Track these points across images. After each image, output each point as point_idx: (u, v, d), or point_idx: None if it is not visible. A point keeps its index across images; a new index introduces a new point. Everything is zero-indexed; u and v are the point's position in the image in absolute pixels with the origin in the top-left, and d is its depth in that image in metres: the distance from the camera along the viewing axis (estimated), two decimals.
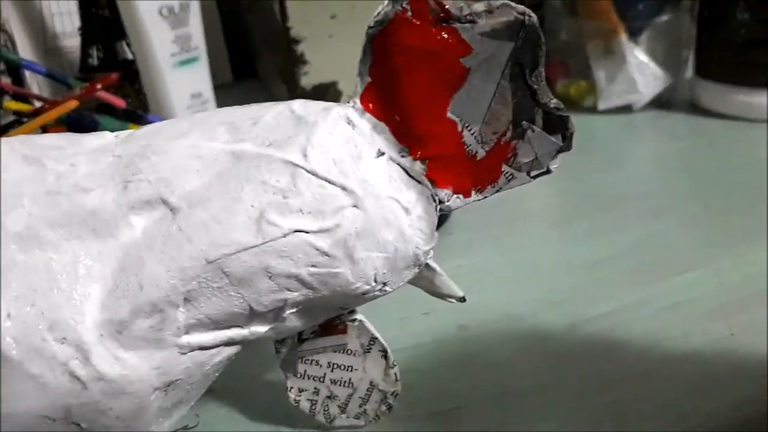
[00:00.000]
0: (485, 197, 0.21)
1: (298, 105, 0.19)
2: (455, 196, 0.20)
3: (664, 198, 0.39)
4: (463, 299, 0.23)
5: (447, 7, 0.18)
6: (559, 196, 0.41)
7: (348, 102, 0.19)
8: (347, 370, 0.22)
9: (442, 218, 0.36)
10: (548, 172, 0.20)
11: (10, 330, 0.16)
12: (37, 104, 0.39)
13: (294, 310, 0.19)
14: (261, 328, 0.19)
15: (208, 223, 0.17)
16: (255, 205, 0.17)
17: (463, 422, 0.23)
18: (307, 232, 0.17)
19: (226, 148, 0.18)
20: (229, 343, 0.19)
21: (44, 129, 0.39)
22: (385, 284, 0.19)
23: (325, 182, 0.17)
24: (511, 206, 0.38)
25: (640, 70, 0.50)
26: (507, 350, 0.27)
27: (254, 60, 0.65)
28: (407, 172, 0.19)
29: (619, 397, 0.24)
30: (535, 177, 0.20)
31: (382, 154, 0.19)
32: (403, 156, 0.19)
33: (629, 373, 0.25)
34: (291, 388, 0.22)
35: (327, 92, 0.49)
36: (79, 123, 0.40)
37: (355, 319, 0.22)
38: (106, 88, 0.41)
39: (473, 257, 0.33)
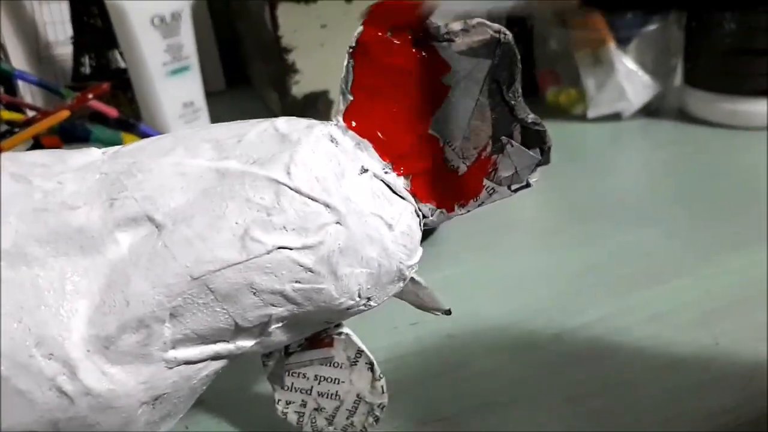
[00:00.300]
0: (468, 211, 0.21)
1: (282, 123, 0.19)
2: (438, 210, 0.21)
3: (652, 206, 0.39)
4: (448, 312, 0.23)
5: (425, 26, 0.18)
6: (547, 205, 0.41)
7: (331, 120, 0.19)
8: (334, 382, 0.22)
9: (426, 232, 0.36)
10: (528, 185, 0.21)
11: None
12: (30, 113, 0.40)
13: (279, 324, 0.19)
14: (247, 343, 0.19)
15: (193, 240, 0.17)
16: (239, 222, 0.17)
17: None
18: (290, 249, 0.18)
19: (211, 165, 0.18)
20: (215, 357, 0.19)
21: (36, 138, 0.39)
22: (369, 299, 0.19)
23: (308, 199, 0.18)
24: (497, 216, 0.38)
25: (629, 78, 0.51)
26: (494, 359, 0.27)
27: (246, 68, 0.66)
28: (391, 188, 0.19)
29: (605, 404, 0.24)
30: (515, 191, 0.21)
31: (366, 170, 0.19)
32: (386, 172, 0.19)
33: (615, 381, 0.25)
34: (279, 400, 0.23)
35: (318, 101, 0.49)
36: (71, 132, 0.41)
37: (341, 333, 0.22)
38: (98, 97, 0.42)
39: (460, 268, 0.34)
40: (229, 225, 0.17)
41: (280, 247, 0.17)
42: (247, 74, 0.66)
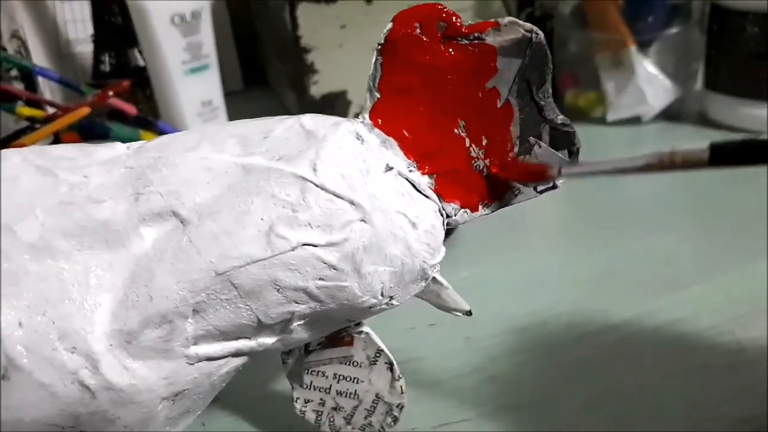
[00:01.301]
0: (492, 212, 0.21)
1: (308, 119, 0.19)
2: (462, 210, 0.20)
3: (671, 211, 0.39)
4: (469, 313, 0.23)
5: (455, 24, 0.18)
6: (566, 209, 0.41)
7: (357, 117, 0.19)
8: (353, 381, 0.22)
9: (449, 231, 0.36)
10: (555, 187, 0.20)
11: (21, 339, 0.16)
12: (50, 110, 0.40)
13: (301, 322, 0.19)
14: (268, 340, 0.19)
15: (218, 236, 0.17)
16: (264, 219, 0.17)
17: None
18: (315, 246, 0.17)
19: (237, 161, 0.18)
20: (236, 354, 0.19)
21: (56, 135, 0.39)
22: (391, 298, 0.19)
23: (333, 197, 0.18)
24: (517, 219, 0.38)
25: (650, 81, 0.50)
26: (513, 362, 0.27)
27: (264, 68, 0.66)
28: (415, 187, 0.19)
29: (625, 409, 0.24)
30: (542, 192, 0.20)
31: (391, 168, 0.19)
32: (411, 171, 0.19)
33: (636, 386, 0.25)
34: (297, 398, 0.23)
35: (336, 101, 0.49)
36: (90, 129, 0.41)
37: (361, 332, 0.22)
38: (118, 95, 0.42)
39: (479, 269, 0.33)
40: (255, 221, 0.17)
41: (305, 244, 0.17)
42: (264, 74, 0.66)
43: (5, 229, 0.17)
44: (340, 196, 0.18)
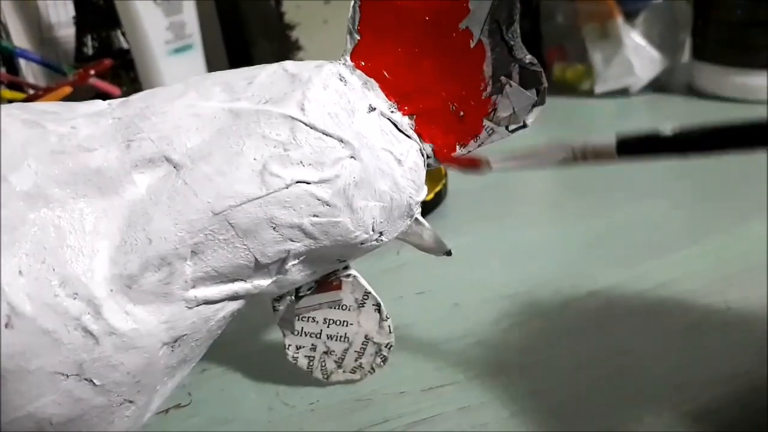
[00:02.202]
0: (468, 152, 0.22)
1: (291, 64, 0.20)
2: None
3: (659, 179, 0.39)
4: (449, 253, 0.24)
5: None
6: (553, 178, 0.41)
7: (339, 60, 0.20)
8: (343, 325, 0.23)
9: (437, 200, 0.37)
10: (525, 126, 0.21)
11: (23, 286, 0.16)
12: (32, 92, 0.39)
13: (296, 261, 0.19)
14: (264, 282, 0.20)
15: (213, 177, 0.18)
16: (257, 158, 0.18)
17: (456, 398, 0.23)
18: (308, 183, 0.18)
19: (224, 106, 0.19)
20: (233, 297, 0.20)
21: None
22: (381, 233, 0.20)
23: (323, 135, 0.18)
24: (504, 188, 0.39)
25: (637, 53, 0.50)
26: (501, 328, 0.27)
27: (249, 47, 0.65)
28: (397, 127, 0.20)
29: (614, 371, 0.24)
30: (512, 131, 0.22)
31: (374, 109, 0.20)
32: (392, 111, 0.20)
33: (624, 348, 0.25)
34: (289, 345, 0.23)
35: None
36: None
37: (349, 275, 0.22)
38: (100, 74, 0.41)
39: (467, 238, 0.33)
40: (248, 161, 0.18)
41: (298, 182, 0.18)
42: (249, 53, 0.65)
43: None
44: (330, 134, 0.18)
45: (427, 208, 0.36)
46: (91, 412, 0.18)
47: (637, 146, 0.17)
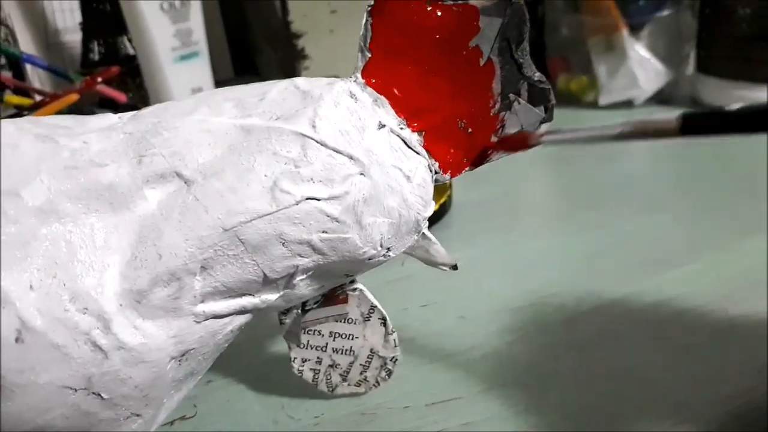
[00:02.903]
0: (475, 167, 0.22)
1: (302, 81, 0.20)
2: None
3: (662, 192, 0.39)
4: (455, 267, 0.24)
5: None
6: (558, 190, 0.41)
7: (350, 77, 0.20)
8: (348, 338, 0.23)
9: (442, 212, 0.37)
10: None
11: (34, 301, 0.16)
12: (38, 98, 0.39)
13: (303, 276, 0.20)
14: (271, 296, 0.20)
15: (224, 193, 0.18)
16: (268, 175, 0.18)
17: (460, 412, 0.23)
18: (318, 200, 0.18)
19: (236, 122, 0.19)
20: (241, 311, 0.20)
21: None
22: (389, 249, 0.20)
23: (333, 152, 0.18)
24: (509, 200, 0.39)
25: (641, 65, 0.50)
26: (505, 341, 0.27)
27: (255, 55, 0.65)
28: (406, 143, 0.20)
29: (616, 387, 0.24)
30: None
31: (384, 126, 0.20)
32: (401, 128, 0.20)
33: (626, 365, 0.25)
34: (294, 358, 0.23)
35: None
36: None
37: (355, 289, 0.23)
38: (107, 81, 0.41)
39: (472, 250, 0.34)
40: (259, 177, 0.18)
41: (308, 198, 0.18)
42: (255, 62, 0.65)
43: (11, 194, 0.17)
44: (340, 152, 0.18)
45: (432, 219, 0.36)
46: (99, 426, 0.18)
47: (701, 123, 0.16)
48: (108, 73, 0.40)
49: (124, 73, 0.49)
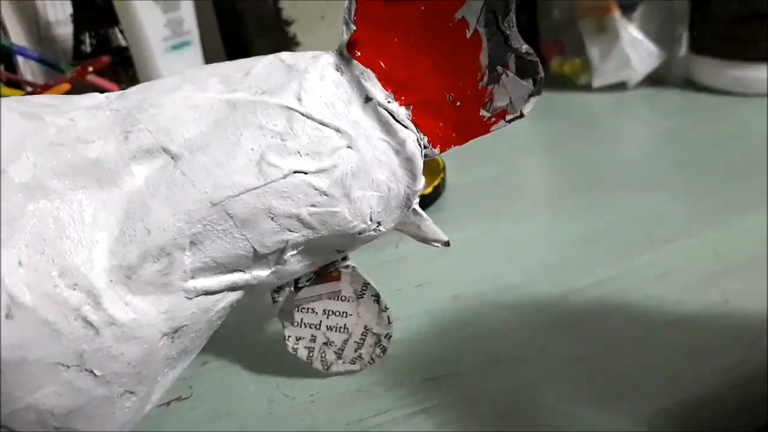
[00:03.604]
0: (465, 142, 0.22)
1: (287, 55, 0.20)
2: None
3: (658, 172, 0.39)
4: (447, 243, 0.24)
5: None
6: (552, 173, 0.41)
7: (335, 50, 0.20)
8: (342, 315, 0.23)
9: (436, 194, 0.37)
10: (522, 116, 0.21)
11: (23, 277, 0.16)
12: (30, 90, 0.39)
13: (294, 252, 0.20)
14: (263, 272, 0.20)
15: (210, 167, 0.18)
16: (254, 149, 0.18)
17: (455, 388, 0.23)
18: (306, 173, 0.18)
19: (221, 97, 0.19)
20: (232, 287, 0.20)
21: None
22: (379, 224, 0.20)
23: (320, 125, 0.18)
24: (503, 182, 0.39)
25: (634, 46, 0.50)
26: (499, 319, 0.27)
27: (247, 43, 0.65)
28: (394, 117, 0.20)
29: (611, 363, 0.24)
30: (509, 121, 0.22)
31: (370, 99, 0.20)
32: (389, 102, 0.20)
33: (621, 340, 0.25)
34: (288, 337, 0.23)
35: None
36: None
37: (348, 266, 0.23)
38: (99, 70, 0.41)
39: (466, 232, 0.33)
40: (245, 151, 0.18)
41: (296, 171, 0.18)
42: (247, 51, 0.65)
43: None
44: (326, 124, 0.18)
45: (426, 201, 0.36)
46: (92, 403, 0.18)
47: None
48: (99, 63, 0.40)
49: (116, 64, 0.49)
